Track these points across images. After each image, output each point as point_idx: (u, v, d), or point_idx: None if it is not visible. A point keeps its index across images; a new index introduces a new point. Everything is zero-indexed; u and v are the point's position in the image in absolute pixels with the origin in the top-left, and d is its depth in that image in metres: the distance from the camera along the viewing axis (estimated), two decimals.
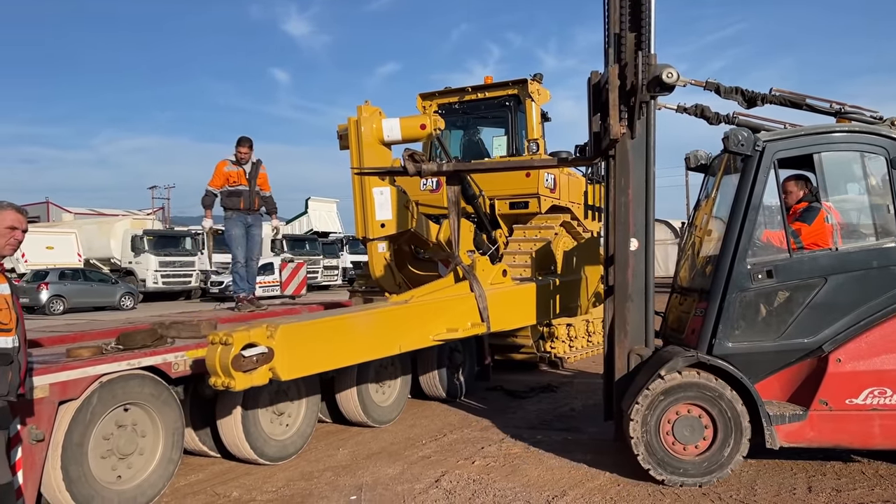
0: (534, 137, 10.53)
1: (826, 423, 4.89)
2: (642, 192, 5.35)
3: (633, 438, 4.93)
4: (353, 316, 5.46)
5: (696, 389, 4.93)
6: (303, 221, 39.63)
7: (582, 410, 7.46)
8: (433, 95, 11.18)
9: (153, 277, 27.46)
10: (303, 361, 4.98)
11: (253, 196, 7.94)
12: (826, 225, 5.23)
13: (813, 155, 5.24)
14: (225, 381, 4.48)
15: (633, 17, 5.11)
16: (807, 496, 4.73)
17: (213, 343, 4.51)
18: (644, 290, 5.37)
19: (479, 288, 6.02)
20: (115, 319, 10.36)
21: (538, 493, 4.93)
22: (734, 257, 5.02)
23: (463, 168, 8.79)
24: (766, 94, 5.48)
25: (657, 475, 4.91)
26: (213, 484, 5.37)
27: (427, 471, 5.51)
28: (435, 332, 5.86)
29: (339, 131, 8.12)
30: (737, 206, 5.08)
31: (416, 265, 9.90)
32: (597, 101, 5.45)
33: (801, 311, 5.01)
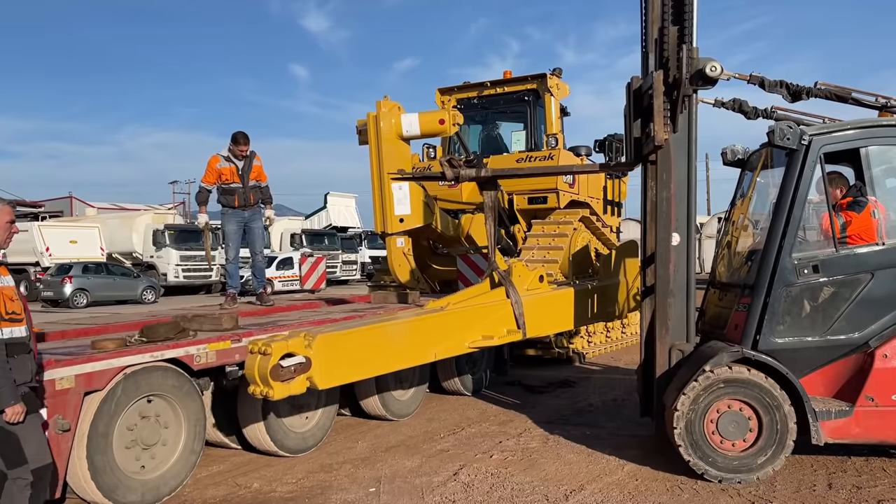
0: (553, 132, 10.52)
1: (872, 419, 4.86)
2: (684, 187, 5.32)
3: (677, 430, 4.90)
4: (389, 324, 5.43)
5: (742, 385, 4.90)
6: (322, 216, 39.79)
7: (600, 406, 7.46)
8: (452, 90, 11.18)
9: (174, 271, 27.72)
10: (340, 370, 4.99)
11: (248, 192, 7.69)
12: (872, 219, 5.20)
13: (860, 149, 5.20)
14: (263, 391, 4.50)
15: (675, 10, 5.07)
16: (827, 493, 4.70)
17: (252, 352, 4.53)
18: (685, 286, 5.35)
19: (515, 294, 5.95)
20: (137, 312, 10.50)
21: (556, 488, 4.94)
22: (779, 252, 4.98)
23: (501, 174, 8.79)
24: (812, 88, 5.42)
25: (698, 469, 4.89)
26: (234, 475, 5.44)
27: (445, 464, 5.54)
28: (470, 339, 5.80)
29: (358, 127, 8.16)
30: (782, 200, 5.04)
31: (435, 260, 9.93)
32: (638, 106, 5.41)
33: (848, 306, 4.98)
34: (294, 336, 4.64)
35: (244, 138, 7.58)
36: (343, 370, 5.03)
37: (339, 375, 5.05)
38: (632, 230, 35.45)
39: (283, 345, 4.51)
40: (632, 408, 7.30)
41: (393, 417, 6.87)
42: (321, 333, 4.77)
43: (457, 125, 8.17)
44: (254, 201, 7.77)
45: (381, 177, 7.78)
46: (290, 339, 4.58)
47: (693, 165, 5.33)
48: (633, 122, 5.49)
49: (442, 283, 10.15)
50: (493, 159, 10.24)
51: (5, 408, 3.42)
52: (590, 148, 11.45)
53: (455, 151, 11.21)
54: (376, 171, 7.83)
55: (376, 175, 7.84)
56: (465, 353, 6.06)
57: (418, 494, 4.91)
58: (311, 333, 4.72)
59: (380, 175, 7.80)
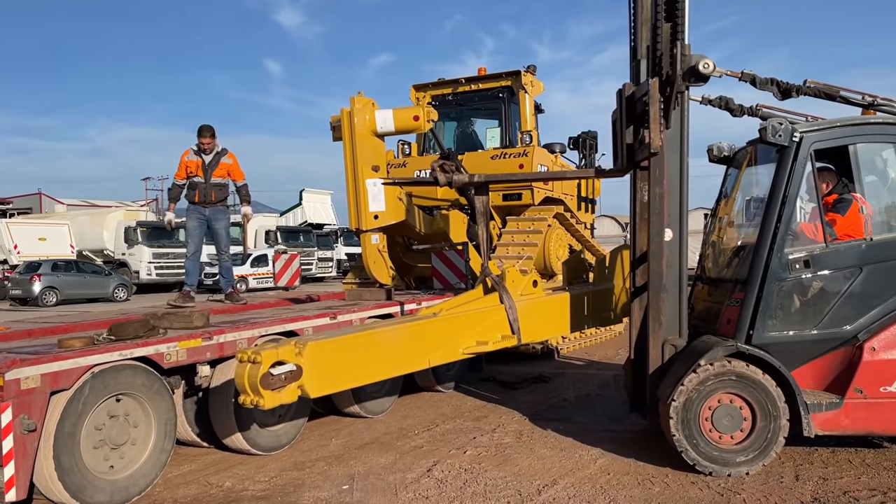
0: (527, 129, 10.56)
1: (860, 411, 4.96)
2: (676, 183, 5.36)
3: (673, 423, 4.96)
4: (381, 331, 5.37)
5: (737, 379, 4.97)
6: (297, 213, 39.59)
7: (574, 401, 7.51)
8: (427, 87, 11.17)
9: (147, 269, 27.41)
10: (332, 378, 4.93)
11: (209, 188, 7.49)
12: (860, 216, 5.31)
13: (848, 146, 5.29)
14: (254, 400, 4.43)
15: (668, 7, 5.08)
16: (794, 484, 4.78)
17: (242, 361, 4.46)
18: (678, 281, 5.39)
19: (508, 299, 5.90)
20: (107, 311, 10.36)
21: (529, 483, 4.97)
22: (772, 247, 5.06)
23: (494, 179, 8.76)
24: (801, 86, 5.47)
25: (691, 460, 4.95)
26: (206, 474, 5.39)
27: (419, 461, 5.54)
28: (464, 346, 5.75)
29: (332, 122, 8.11)
30: (773, 197, 5.10)
31: (410, 257, 9.94)
32: (630, 112, 5.42)
33: (838, 300, 5.08)
34: (284, 344, 4.58)
35: (207, 130, 7.43)
36: (335, 378, 4.96)
37: (331, 383, 4.98)
38: (606, 227, 35.66)
39: (274, 353, 4.44)
40: (605, 403, 7.37)
41: (367, 414, 6.86)
42: (312, 341, 4.70)
43: (431, 122, 8.16)
44: (215, 199, 7.54)
45: (355, 173, 7.75)
46: (280, 347, 4.50)
47: (685, 162, 5.38)
48: (625, 129, 5.47)
49: (417, 279, 10.16)
50: (468, 156, 10.25)
51: None
52: (564, 145, 11.52)
53: (430, 148, 11.23)
54: (350, 168, 7.79)
55: (350, 171, 7.80)
56: (459, 359, 5.98)
57: (392, 491, 4.91)
58: (302, 341, 4.66)
59: (354, 171, 7.76)
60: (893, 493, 4.55)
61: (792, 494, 4.60)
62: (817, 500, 4.50)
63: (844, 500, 4.48)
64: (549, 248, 10.18)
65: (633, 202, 5.69)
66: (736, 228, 6.18)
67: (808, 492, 4.64)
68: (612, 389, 8.00)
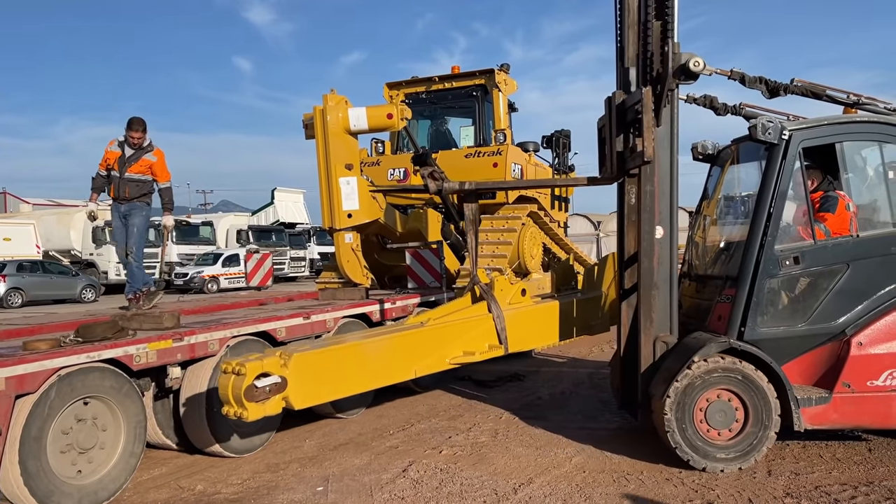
0: (501, 128, 10.56)
1: (848, 405, 5.04)
2: (667, 181, 5.38)
3: (667, 419, 4.97)
4: (367, 342, 5.28)
5: (730, 375, 5.01)
6: (269, 212, 39.25)
7: (549, 399, 7.52)
8: (400, 85, 11.12)
9: (115, 269, 26.87)
10: (317, 389, 4.86)
11: (124, 183, 6.86)
12: (847, 213, 5.40)
13: (835, 144, 5.39)
14: (237, 412, 4.37)
15: (658, 4, 5.10)
16: (766, 479, 4.83)
17: (226, 372, 4.39)
18: (669, 279, 5.41)
19: (497, 308, 5.84)
20: (74, 312, 10.15)
21: (505, 482, 4.95)
22: (762, 244, 5.11)
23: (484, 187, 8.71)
24: (789, 85, 5.54)
25: (685, 456, 4.98)
26: (177, 477, 5.30)
27: (394, 461, 5.51)
28: (451, 355, 5.69)
29: (304, 121, 8.04)
30: (763, 194, 5.17)
31: (384, 255, 9.88)
32: (621, 120, 5.42)
33: (826, 296, 5.16)
34: (269, 355, 4.51)
35: (137, 124, 6.84)
36: (320, 389, 4.89)
37: (316, 395, 4.91)
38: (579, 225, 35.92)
39: (258, 364, 4.37)
40: (579, 401, 7.40)
41: (342, 415, 6.79)
42: (297, 352, 4.63)
43: (405, 120, 8.13)
44: (130, 195, 6.89)
45: (328, 171, 7.69)
46: (265, 359, 4.43)
47: (675, 159, 5.40)
48: (615, 137, 5.46)
49: (391, 278, 10.10)
50: (442, 154, 10.22)
51: None
52: (537, 144, 11.54)
53: (404, 146, 11.18)
54: (323, 166, 7.73)
55: (323, 170, 7.74)
56: (445, 368, 5.88)
57: (367, 492, 4.86)
58: (287, 352, 4.58)
59: (327, 169, 7.70)
60: (864, 487, 4.62)
61: (765, 489, 4.65)
62: (790, 494, 4.55)
63: (816, 494, 4.54)
64: (524, 246, 10.19)
65: (621, 205, 5.74)
66: (721, 226, 6.26)
67: (781, 487, 4.69)
68: (587, 387, 8.04)
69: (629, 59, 5.47)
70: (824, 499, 4.46)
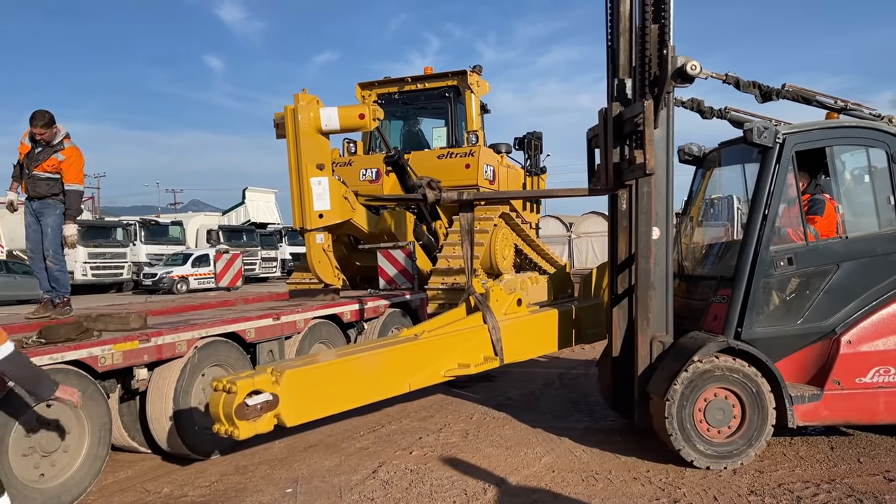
0: (473, 129, 10.59)
1: (838, 402, 5.19)
2: (663, 183, 5.44)
3: (668, 420, 5.03)
4: (361, 357, 5.20)
5: (729, 374, 5.10)
6: (240, 212, 38.90)
7: (519, 399, 7.56)
8: (372, 85, 11.10)
9: (82, 269, 26.44)
10: (309, 406, 4.79)
11: (32, 181, 6.18)
12: (835, 215, 5.58)
13: (825, 148, 5.57)
14: (228, 430, 4.29)
15: (655, 8, 5.16)
16: (731, 477, 4.90)
17: (217, 390, 4.31)
18: (665, 279, 5.47)
19: (492, 319, 5.77)
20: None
21: (475, 482, 4.97)
22: (758, 246, 5.23)
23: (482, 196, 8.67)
24: (780, 90, 5.69)
25: (688, 457, 5.04)
26: (143, 480, 5.23)
27: (364, 462, 5.49)
28: (446, 368, 5.62)
29: (275, 120, 7.97)
30: (758, 196, 5.29)
31: (355, 256, 9.85)
32: (618, 132, 5.46)
33: (818, 295, 5.30)
34: (261, 372, 4.44)
35: (38, 118, 6.02)
36: (313, 406, 4.82)
37: (309, 412, 4.84)
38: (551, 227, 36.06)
39: (250, 382, 4.30)
40: (549, 401, 7.44)
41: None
42: (289, 369, 4.56)
43: (377, 120, 8.11)
44: (40, 193, 6.20)
45: (299, 171, 7.64)
46: (256, 377, 4.35)
47: (671, 162, 5.48)
48: (612, 148, 5.50)
49: (363, 278, 10.07)
50: (415, 155, 10.22)
51: None
52: (510, 145, 11.59)
53: (376, 147, 11.16)
54: (294, 166, 7.68)
55: (294, 169, 7.69)
56: (440, 381, 5.79)
57: (336, 494, 4.84)
58: (279, 369, 4.51)
59: (298, 169, 7.65)
60: (826, 484, 4.72)
61: (729, 487, 4.72)
62: (754, 492, 4.63)
63: (779, 492, 4.62)
64: (496, 247, 10.22)
65: (613, 211, 5.84)
66: (708, 227, 6.39)
67: (745, 485, 4.77)
68: (557, 387, 8.09)
69: (622, 70, 5.57)
70: (787, 496, 4.54)
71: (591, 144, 6.04)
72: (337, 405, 5.09)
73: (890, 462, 5.13)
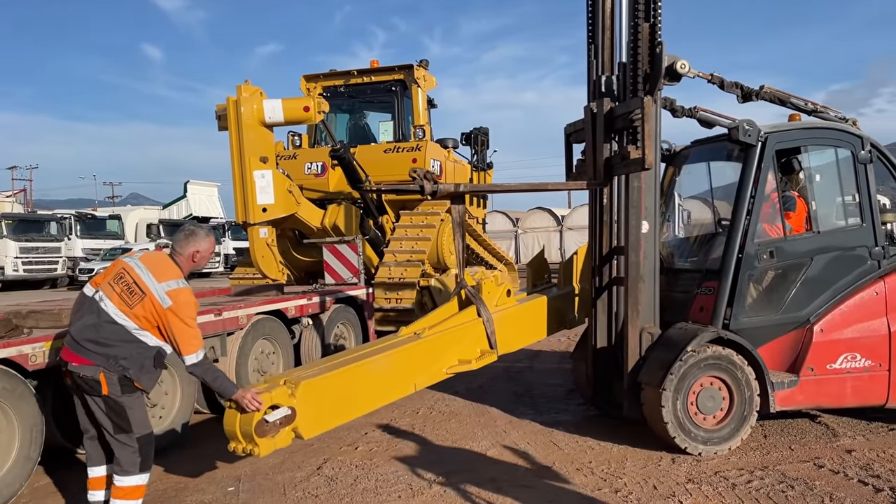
0: (420, 124, 10.58)
1: (811, 387, 5.51)
2: (652, 178, 5.53)
3: (665, 410, 5.15)
4: (370, 361, 5.04)
5: (719, 363, 5.30)
6: (181, 206, 37.91)
7: (465, 393, 7.59)
8: (317, 78, 10.97)
9: (13, 265, 25.40)
10: (325, 416, 4.65)
11: None
12: (804, 211, 5.89)
13: (800, 147, 5.92)
14: (248, 448, 4.11)
15: (646, 7, 5.24)
16: (671, 467, 5.04)
17: (231, 407, 4.14)
18: (653, 272, 5.58)
19: (486, 312, 5.73)
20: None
21: (420, 476, 4.97)
22: (744, 239, 5.46)
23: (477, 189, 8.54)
24: (759, 91, 5.93)
25: (682, 444, 5.19)
26: (79, 482, 5.05)
27: (309, 459, 5.43)
28: (447, 365, 5.53)
29: (217, 112, 7.81)
30: (742, 192, 5.53)
31: (300, 251, 9.74)
32: (609, 128, 5.53)
33: (795, 287, 5.59)
34: (275, 385, 4.28)
35: None
36: (328, 416, 4.68)
37: (326, 422, 4.70)
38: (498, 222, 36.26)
39: (267, 397, 4.12)
40: (495, 394, 7.50)
41: None
42: (304, 380, 4.41)
43: (322, 113, 8.01)
44: None
45: (242, 164, 7.50)
46: (273, 391, 4.17)
47: (658, 158, 5.58)
48: (602, 143, 5.56)
49: (308, 273, 9.97)
50: (361, 149, 10.15)
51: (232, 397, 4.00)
52: (457, 140, 11.62)
53: (321, 140, 11.04)
54: (237, 159, 7.54)
55: (237, 162, 7.55)
56: (442, 379, 5.73)
57: (279, 491, 4.78)
58: (293, 381, 4.36)
59: (241, 162, 7.51)
60: (759, 471, 4.89)
61: (668, 476, 4.85)
62: (691, 480, 4.76)
63: (715, 479, 4.76)
64: (443, 242, 10.23)
65: (593, 206, 5.98)
66: (686, 223, 6.63)
67: (683, 473, 4.90)
68: (503, 381, 8.16)
69: (605, 66, 5.69)
70: (723, 483, 4.69)
71: (570, 139, 6.15)
72: (350, 413, 4.97)
73: (819, 449, 5.35)
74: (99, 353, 3.75)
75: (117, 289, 3.82)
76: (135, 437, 3.84)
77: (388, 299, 9.12)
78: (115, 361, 3.75)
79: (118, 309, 3.78)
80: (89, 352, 3.76)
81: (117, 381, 3.76)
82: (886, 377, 5.58)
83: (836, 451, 5.28)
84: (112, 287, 3.84)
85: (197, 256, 4.05)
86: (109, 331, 3.77)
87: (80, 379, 3.79)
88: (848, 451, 5.24)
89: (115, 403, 3.78)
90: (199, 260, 4.08)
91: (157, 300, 3.77)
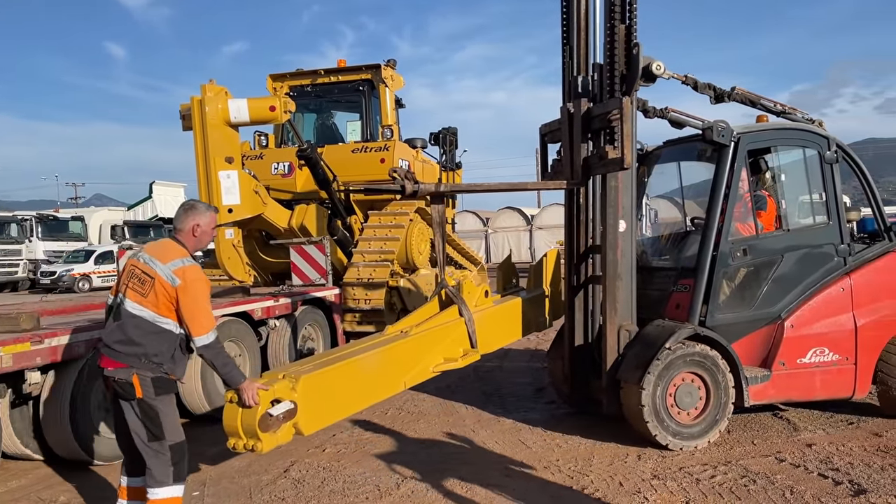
0: (388, 123, 10.54)
1: (783, 381, 5.64)
2: (629, 177, 5.56)
3: (645, 408, 5.18)
4: (365, 357, 4.98)
5: (696, 359, 5.34)
6: (147, 207, 37.33)
7: (434, 393, 7.58)
8: (284, 77, 10.87)
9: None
10: (323, 412, 4.56)
11: None
12: (774, 210, 6.01)
13: (770, 147, 6.06)
14: (250, 444, 4.00)
15: (622, 9, 5.28)
16: (636, 463, 5.09)
17: (232, 402, 4.02)
18: (630, 270, 5.61)
19: (467, 312, 5.74)
20: None
21: (388, 478, 4.96)
22: (718, 238, 5.54)
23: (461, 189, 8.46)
24: (731, 92, 6.04)
25: (663, 440, 5.24)
26: (38, 489, 4.95)
27: (275, 461, 5.38)
28: (433, 363, 5.49)
29: (181, 111, 7.71)
30: (716, 191, 5.62)
31: (267, 252, 9.66)
32: (586, 128, 5.58)
33: (767, 283, 5.70)
34: (275, 380, 4.20)
35: None
36: (326, 411, 4.60)
37: (324, 418, 4.61)
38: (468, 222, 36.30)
39: (270, 391, 4.06)
40: (464, 394, 7.51)
41: (221, 416, 6.55)
42: (304, 374, 4.34)
43: (289, 112, 7.96)
44: None
45: (207, 164, 7.41)
46: (274, 385, 4.08)
47: (635, 157, 5.61)
48: (579, 143, 5.63)
49: (274, 274, 9.88)
50: (328, 149, 10.09)
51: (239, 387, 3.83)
52: (425, 140, 11.61)
53: (288, 140, 10.95)
54: (202, 159, 7.45)
55: (202, 162, 7.46)
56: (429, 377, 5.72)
57: (246, 495, 4.73)
58: (293, 375, 4.28)
59: (206, 163, 7.42)
60: (723, 466, 4.96)
61: (634, 473, 4.90)
62: (656, 476, 4.81)
63: (680, 475, 4.83)
64: (411, 242, 10.21)
65: (571, 205, 6.04)
66: (658, 221, 6.72)
67: (649, 469, 4.96)
68: (472, 380, 8.17)
69: (580, 67, 5.74)
70: (687, 479, 4.75)
71: (546, 140, 6.18)
72: (346, 409, 4.91)
73: (781, 443, 5.45)
74: (129, 353, 3.69)
75: (131, 284, 3.78)
76: (167, 444, 3.76)
77: (357, 300, 9.08)
78: (147, 360, 3.70)
79: (135, 302, 3.73)
80: (120, 353, 3.71)
81: (151, 383, 3.70)
82: (853, 370, 5.74)
83: (797, 445, 5.38)
84: (127, 285, 3.81)
85: (198, 231, 3.95)
86: (133, 325, 3.71)
87: (115, 383, 3.72)
88: (808, 445, 5.35)
89: (150, 408, 3.70)
90: (201, 235, 3.98)
91: (165, 281, 3.69)
